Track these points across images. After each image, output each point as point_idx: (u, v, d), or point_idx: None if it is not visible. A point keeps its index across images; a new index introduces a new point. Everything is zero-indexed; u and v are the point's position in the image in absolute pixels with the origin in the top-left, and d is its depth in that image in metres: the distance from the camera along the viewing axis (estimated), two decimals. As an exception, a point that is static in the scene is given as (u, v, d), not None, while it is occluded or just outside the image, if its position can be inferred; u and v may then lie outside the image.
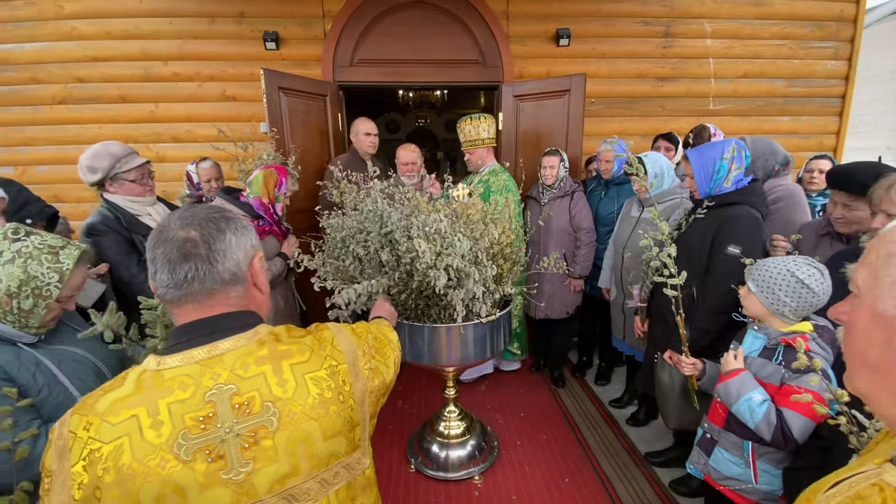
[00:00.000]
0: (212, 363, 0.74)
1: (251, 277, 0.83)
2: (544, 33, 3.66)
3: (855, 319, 0.56)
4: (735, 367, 1.51)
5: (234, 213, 0.83)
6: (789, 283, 1.44)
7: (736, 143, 1.91)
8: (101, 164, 1.92)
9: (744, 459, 1.53)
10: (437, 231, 1.67)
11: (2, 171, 3.63)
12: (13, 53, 3.50)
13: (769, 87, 3.85)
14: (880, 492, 0.53)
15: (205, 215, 0.78)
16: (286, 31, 3.53)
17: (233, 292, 0.79)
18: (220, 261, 0.76)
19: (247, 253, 0.81)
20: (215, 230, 0.77)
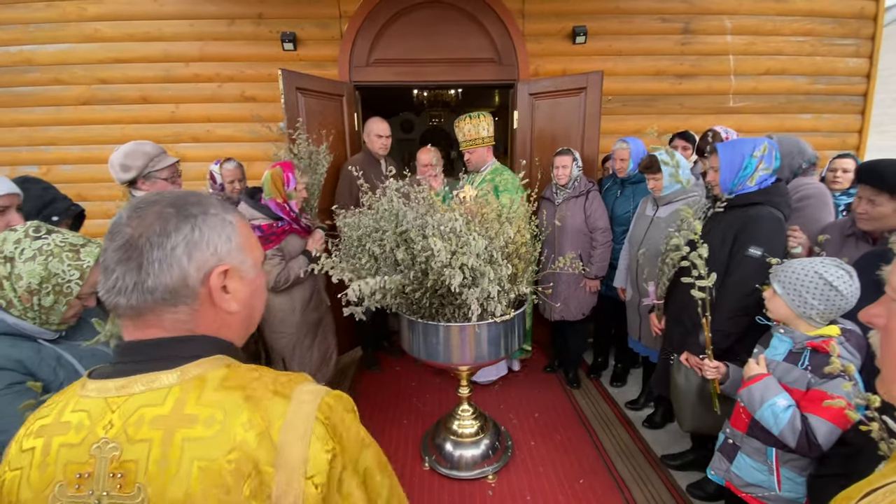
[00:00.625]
0: (116, 404, 0.57)
1: (208, 294, 0.63)
2: (560, 31, 3.63)
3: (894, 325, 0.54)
4: (758, 373, 1.48)
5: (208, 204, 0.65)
6: (817, 286, 1.40)
7: (769, 142, 1.87)
8: (136, 163, 1.95)
9: (767, 466, 1.50)
10: (453, 230, 1.67)
11: (26, 170, 3.73)
12: (36, 55, 3.60)
13: (791, 84, 3.76)
14: None
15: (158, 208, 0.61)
16: (303, 31, 3.57)
17: (167, 314, 0.60)
18: (152, 272, 0.58)
19: (203, 262, 0.61)
20: (159, 229, 0.59)
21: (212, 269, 0.63)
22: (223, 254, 0.64)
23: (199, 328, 0.64)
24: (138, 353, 0.61)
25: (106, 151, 3.71)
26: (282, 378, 0.63)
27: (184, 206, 0.62)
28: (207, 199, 0.66)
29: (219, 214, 0.65)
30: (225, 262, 0.64)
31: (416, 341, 2.19)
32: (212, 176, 3.23)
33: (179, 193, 0.65)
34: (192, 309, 0.62)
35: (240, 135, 3.71)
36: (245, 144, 3.71)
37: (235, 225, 0.67)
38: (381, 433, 2.76)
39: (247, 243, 0.69)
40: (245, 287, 0.68)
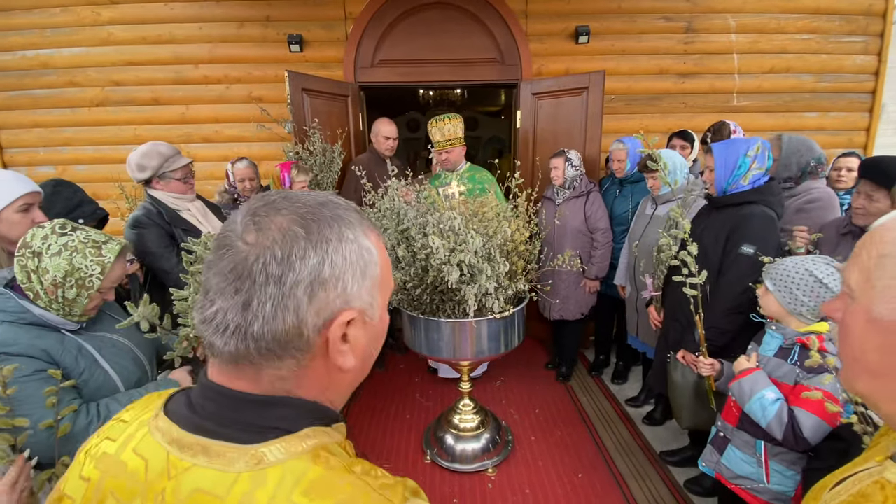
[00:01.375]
0: (176, 469, 0.46)
1: (324, 346, 0.48)
2: (563, 31, 3.66)
3: (850, 322, 0.55)
4: (748, 367, 1.52)
5: (346, 223, 0.49)
6: (807, 283, 1.43)
7: (762, 142, 1.89)
8: (151, 163, 2.04)
9: (756, 459, 1.54)
10: (451, 228, 1.72)
11: (43, 171, 3.85)
12: (52, 58, 3.70)
13: (796, 82, 3.75)
14: (881, 489, 0.53)
15: (284, 222, 0.45)
16: (310, 33, 3.63)
17: (269, 368, 0.47)
18: (262, 315, 0.44)
19: (326, 305, 0.46)
20: (281, 255, 0.44)
21: (336, 316, 0.47)
22: (352, 294, 0.48)
23: (301, 388, 0.49)
24: (220, 404, 0.48)
25: (119, 152, 3.84)
26: (388, 492, 0.46)
27: (317, 223, 0.46)
28: (345, 213, 0.49)
29: (357, 240, 0.49)
30: (353, 305, 0.48)
31: (417, 337, 2.24)
32: (227, 175, 3.31)
33: (311, 201, 0.48)
34: (300, 364, 0.48)
35: (248, 135, 3.79)
36: (254, 144, 3.79)
37: (375, 253, 0.51)
38: (384, 427, 2.82)
39: (384, 276, 0.53)
40: (367, 334, 0.52)
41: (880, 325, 0.50)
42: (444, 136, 2.96)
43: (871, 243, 0.53)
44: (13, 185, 1.37)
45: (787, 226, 2.22)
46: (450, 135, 2.96)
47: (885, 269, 0.50)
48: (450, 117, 2.94)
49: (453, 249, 1.71)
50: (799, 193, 2.27)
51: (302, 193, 0.50)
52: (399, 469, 2.45)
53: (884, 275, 0.50)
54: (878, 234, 0.53)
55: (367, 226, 0.52)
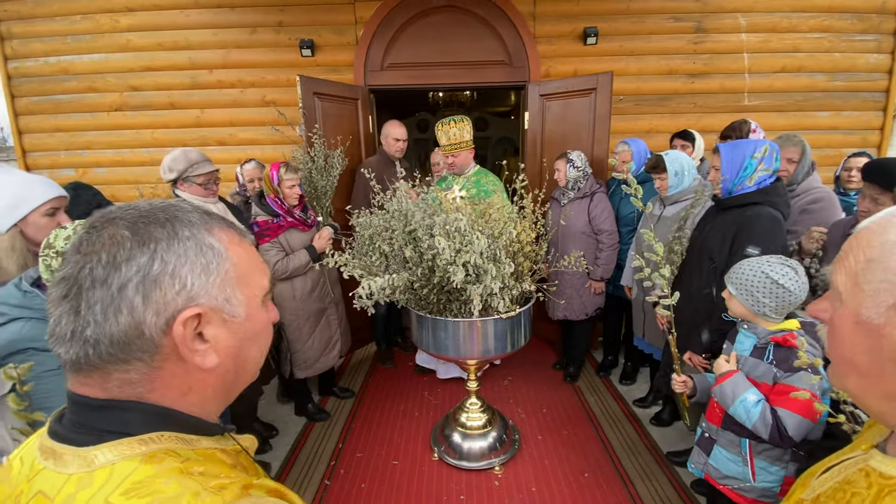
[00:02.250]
0: (34, 471, 0.47)
1: (174, 346, 0.47)
2: (572, 32, 3.67)
3: (838, 323, 0.56)
4: (728, 370, 1.53)
5: (181, 223, 0.49)
6: (765, 284, 1.46)
7: (770, 144, 1.90)
8: (178, 167, 2.21)
9: (741, 458, 1.55)
10: (457, 229, 1.75)
11: (63, 173, 3.97)
12: (73, 64, 3.82)
13: (808, 81, 3.71)
14: (866, 476, 0.55)
15: (113, 229, 0.46)
16: (321, 38, 3.70)
17: (116, 373, 0.46)
18: (92, 319, 0.44)
19: (165, 304, 0.46)
20: (105, 259, 0.45)
21: (176, 314, 0.46)
22: (196, 291, 0.48)
23: (154, 391, 0.48)
24: (70, 410, 0.48)
25: (137, 155, 3.95)
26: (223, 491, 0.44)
27: (146, 225, 0.47)
28: (184, 214, 0.50)
29: (194, 237, 0.48)
30: (198, 302, 0.48)
31: (425, 336, 2.28)
32: (237, 177, 3.40)
33: (149, 207, 0.49)
34: (150, 367, 0.47)
35: (261, 137, 3.87)
36: (266, 147, 3.87)
37: (221, 250, 0.50)
38: (392, 425, 2.87)
39: (241, 272, 0.52)
40: (232, 333, 0.52)
41: (869, 328, 0.51)
42: (450, 139, 2.93)
43: (858, 246, 0.54)
44: (41, 189, 1.43)
45: (793, 227, 2.22)
46: (455, 139, 2.93)
47: (873, 273, 0.51)
48: (455, 120, 2.90)
49: (459, 250, 1.74)
50: (800, 194, 2.28)
51: (145, 202, 0.50)
52: (407, 467, 2.49)
53: (872, 278, 0.51)
54: (865, 237, 0.53)
55: (213, 225, 0.51)
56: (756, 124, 2.67)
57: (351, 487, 2.35)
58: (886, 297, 0.50)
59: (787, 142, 2.29)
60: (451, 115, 2.94)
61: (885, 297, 0.50)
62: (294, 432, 2.82)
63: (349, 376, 3.54)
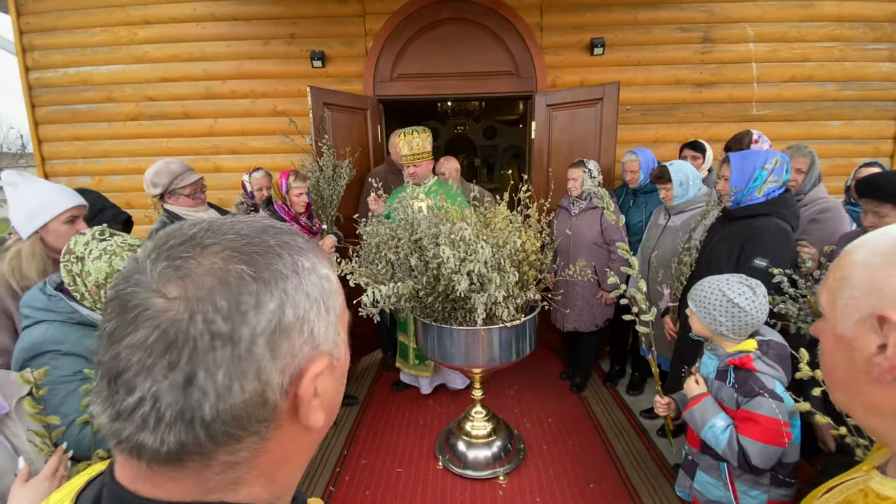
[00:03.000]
0: None
1: (292, 409, 0.38)
2: (578, 43, 3.70)
3: (823, 340, 0.59)
4: (698, 393, 1.51)
5: (297, 249, 0.40)
6: (721, 303, 1.43)
7: (781, 156, 1.90)
8: (162, 181, 2.20)
9: (722, 482, 1.52)
10: (462, 238, 1.77)
11: (81, 180, 4.08)
12: (92, 75, 3.94)
13: (819, 90, 3.69)
14: (864, 497, 0.56)
15: (217, 261, 0.35)
16: (331, 49, 3.77)
17: (223, 455, 0.36)
18: (212, 390, 0.33)
19: (292, 358, 0.37)
20: (226, 306, 0.33)
21: (305, 368, 0.38)
22: (320, 337, 0.39)
23: (256, 470, 0.38)
24: None
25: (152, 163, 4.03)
26: None
27: (263, 255, 0.37)
28: (292, 238, 0.40)
29: (315, 269, 0.40)
30: (321, 349, 0.39)
31: (431, 344, 2.30)
32: (244, 186, 3.45)
33: (246, 229, 0.38)
34: (262, 439, 0.37)
35: (272, 146, 3.95)
36: (277, 156, 3.94)
37: (334, 282, 0.43)
38: (398, 433, 2.88)
39: (343, 309, 0.44)
40: (335, 380, 0.43)
41: (843, 342, 0.54)
42: (413, 150, 2.89)
43: (837, 267, 0.57)
44: (61, 198, 1.49)
45: (803, 236, 2.21)
46: (418, 149, 2.90)
47: (843, 290, 0.54)
48: (418, 131, 2.88)
49: (464, 259, 1.76)
50: (807, 204, 2.27)
51: (232, 220, 0.40)
52: (411, 475, 2.50)
53: (843, 295, 0.54)
54: (843, 258, 0.56)
55: (317, 250, 0.43)
56: (759, 134, 2.67)
57: (356, 494, 2.36)
58: (853, 312, 0.52)
59: (796, 152, 2.29)
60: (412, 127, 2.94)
61: (852, 311, 0.53)
62: (300, 438, 2.84)
63: (355, 383, 3.56)
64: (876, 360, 0.51)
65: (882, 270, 0.51)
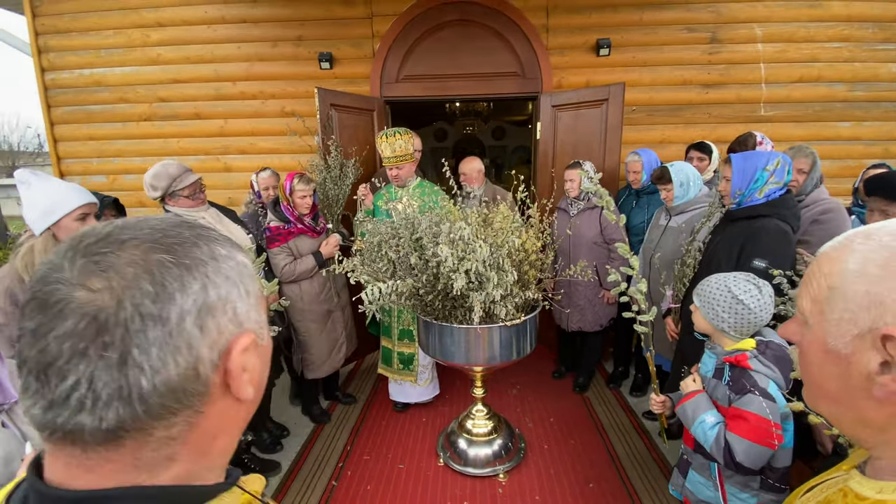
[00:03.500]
0: None
1: (223, 383, 0.42)
2: (584, 44, 3.70)
3: (807, 350, 0.56)
4: (693, 390, 1.51)
5: (213, 240, 0.44)
6: (726, 299, 1.43)
7: (783, 157, 1.89)
8: (161, 184, 2.21)
9: (712, 482, 1.52)
10: (461, 237, 1.80)
11: (95, 180, 4.18)
12: (106, 77, 4.04)
13: (827, 91, 3.66)
14: (844, 497, 0.56)
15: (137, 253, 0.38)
16: (339, 51, 3.82)
17: (158, 431, 0.38)
18: (147, 366, 0.36)
19: (219, 334, 0.41)
20: (154, 291, 0.37)
21: (232, 344, 0.41)
22: (242, 316, 0.43)
23: (189, 444, 0.40)
24: None
25: (163, 163, 4.13)
26: None
27: (181, 245, 0.40)
28: (206, 231, 0.44)
29: (231, 256, 0.44)
30: (245, 327, 0.43)
31: (432, 342, 2.33)
32: (252, 185, 3.52)
33: (161, 224, 0.41)
34: (196, 413, 0.40)
35: (280, 147, 4.01)
36: (285, 156, 4.00)
37: (250, 267, 0.47)
38: (400, 429, 2.91)
39: (260, 291, 0.48)
40: (261, 358, 0.47)
41: (836, 357, 0.51)
42: (395, 152, 2.83)
43: (820, 273, 0.53)
44: (73, 196, 1.54)
45: (805, 237, 2.20)
46: (401, 151, 2.84)
47: (835, 303, 0.51)
48: (401, 133, 2.84)
49: (462, 258, 1.79)
50: (809, 204, 2.27)
51: (145, 217, 0.43)
52: (412, 471, 2.53)
53: (835, 308, 0.51)
54: (826, 264, 0.53)
55: (232, 242, 0.47)
56: (763, 136, 2.66)
57: (357, 489, 2.40)
58: (850, 328, 0.49)
59: (798, 153, 2.29)
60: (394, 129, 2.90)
61: (848, 326, 0.50)
62: (304, 433, 2.89)
63: (359, 380, 3.60)
64: (881, 381, 0.48)
65: (882, 284, 0.47)
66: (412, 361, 3.01)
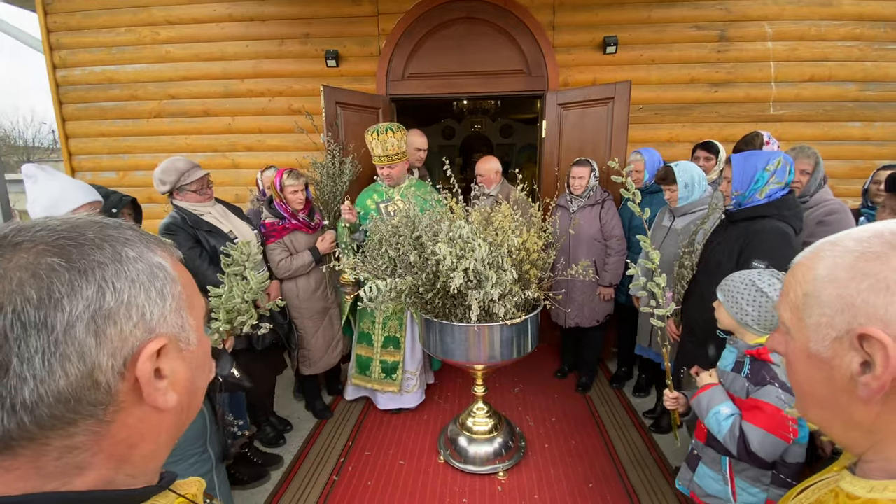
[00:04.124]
0: None
1: (133, 390, 0.40)
2: (591, 42, 3.68)
3: (792, 358, 0.57)
4: (708, 383, 1.53)
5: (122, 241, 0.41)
6: (750, 292, 1.45)
7: (784, 157, 1.87)
8: (169, 178, 2.26)
9: (722, 476, 1.53)
10: (460, 236, 1.81)
11: (105, 176, 4.25)
12: (117, 74, 4.09)
13: (838, 90, 3.60)
14: (835, 497, 0.56)
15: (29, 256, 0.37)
16: (345, 49, 3.84)
17: (57, 440, 0.37)
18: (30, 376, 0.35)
19: (123, 341, 0.39)
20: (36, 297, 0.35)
21: (139, 350, 0.40)
22: (156, 320, 0.41)
23: (101, 453, 0.39)
24: None
25: (172, 159, 4.18)
26: None
27: (79, 248, 0.38)
28: (118, 231, 0.42)
29: (142, 257, 0.42)
30: (158, 332, 0.41)
31: (432, 339, 2.34)
32: (257, 183, 3.55)
33: (63, 225, 0.40)
34: (101, 422, 0.38)
35: (287, 144, 4.04)
36: (292, 153, 4.03)
37: (170, 270, 0.44)
38: (401, 427, 2.93)
39: (188, 294, 0.46)
40: (187, 364, 0.45)
41: (819, 360, 0.52)
42: (387, 150, 2.70)
43: (795, 281, 0.55)
44: (78, 193, 1.57)
45: (810, 238, 2.18)
46: (393, 149, 2.72)
47: (811, 308, 0.52)
48: (393, 130, 2.70)
49: (461, 256, 1.79)
50: (813, 206, 2.24)
51: (46, 218, 0.40)
52: (413, 468, 2.55)
53: (812, 313, 0.52)
54: (800, 272, 0.55)
55: (151, 241, 0.45)
56: (769, 135, 2.63)
57: (357, 484, 2.42)
58: (828, 331, 0.51)
59: (800, 153, 2.26)
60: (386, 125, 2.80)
61: (826, 330, 0.51)
62: (307, 428, 2.92)
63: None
64: (863, 381, 0.48)
65: (851, 286, 0.49)
66: (396, 370, 2.94)
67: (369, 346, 2.96)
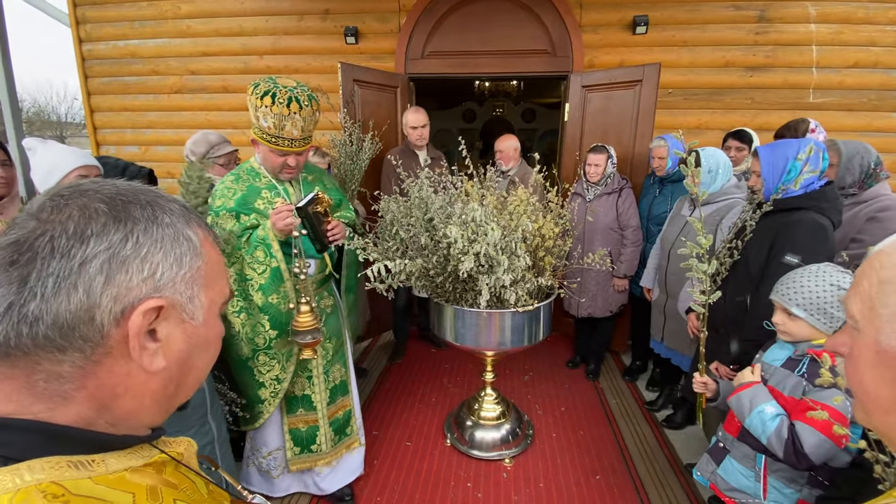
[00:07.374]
0: None
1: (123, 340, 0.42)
2: (619, 21, 3.52)
3: (857, 356, 0.52)
4: (750, 380, 1.46)
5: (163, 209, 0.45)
6: (836, 297, 1.34)
7: (815, 143, 1.76)
8: (199, 150, 2.35)
9: (755, 473, 1.47)
10: (473, 219, 1.76)
11: (128, 150, 4.30)
12: (139, 48, 4.11)
13: (885, 78, 3.37)
14: None
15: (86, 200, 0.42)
16: (365, 25, 3.76)
17: (45, 363, 0.39)
18: (40, 291, 0.38)
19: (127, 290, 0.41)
20: (73, 229, 0.40)
21: (137, 303, 0.41)
22: (164, 282, 0.43)
23: (84, 389, 0.41)
24: None
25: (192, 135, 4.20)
26: None
27: (125, 203, 0.43)
28: (165, 202, 0.46)
29: (174, 225, 0.45)
30: (163, 294, 0.43)
31: (443, 323, 2.31)
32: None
33: (128, 187, 0.45)
34: (87, 359, 0.41)
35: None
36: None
37: (197, 245, 0.47)
38: (409, 408, 2.94)
39: (210, 273, 0.48)
40: (186, 337, 0.47)
41: (890, 356, 0.47)
42: (304, 131, 1.76)
43: (871, 270, 0.50)
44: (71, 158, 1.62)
45: (860, 235, 2.06)
46: (310, 130, 1.80)
47: (889, 296, 0.47)
48: (316, 101, 1.76)
49: (473, 240, 1.75)
50: (867, 200, 2.10)
51: (119, 181, 0.46)
52: (419, 449, 2.55)
53: (889, 301, 0.47)
54: (878, 259, 0.50)
55: (193, 220, 0.48)
56: (816, 123, 2.47)
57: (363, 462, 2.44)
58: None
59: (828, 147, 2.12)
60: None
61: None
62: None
63: (374, 356, 3.65)
64: None
65: None
66: (349, 421, 2.18)
67: (311, 411, 2.04)
